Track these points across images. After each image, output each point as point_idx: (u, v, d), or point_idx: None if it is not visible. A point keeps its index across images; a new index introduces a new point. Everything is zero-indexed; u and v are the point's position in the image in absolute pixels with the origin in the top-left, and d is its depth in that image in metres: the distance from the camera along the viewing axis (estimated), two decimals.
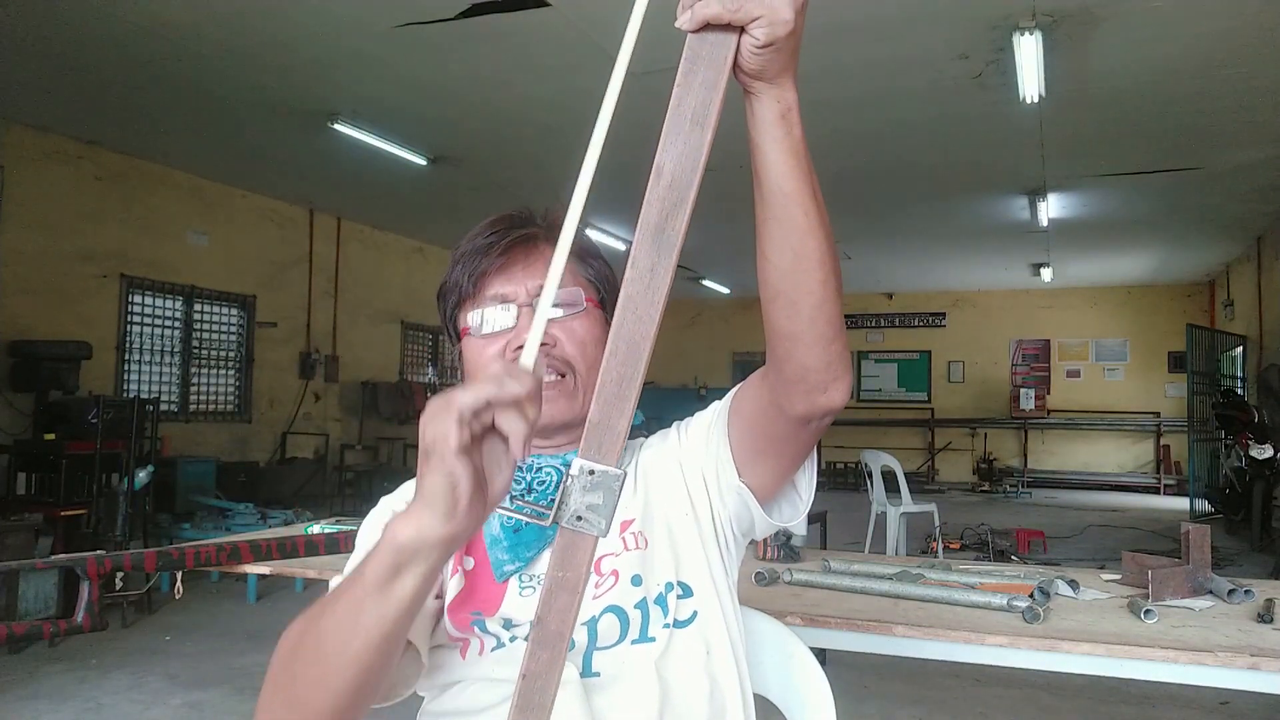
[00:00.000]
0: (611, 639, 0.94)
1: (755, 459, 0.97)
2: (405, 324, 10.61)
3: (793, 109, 0.72)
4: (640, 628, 0.95)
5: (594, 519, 0.63)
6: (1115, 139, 6.51)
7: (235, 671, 4.01)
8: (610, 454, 0.63)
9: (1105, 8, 4.48)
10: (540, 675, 0.64)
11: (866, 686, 3.80)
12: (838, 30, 4.76)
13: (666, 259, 0.64)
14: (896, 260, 11.75)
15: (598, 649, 0.94)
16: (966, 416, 14.07)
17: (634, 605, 0.95)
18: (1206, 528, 1.97)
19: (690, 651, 0.96)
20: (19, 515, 4.98)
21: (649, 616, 0.95)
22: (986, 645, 1.61)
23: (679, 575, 0.98)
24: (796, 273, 0.78)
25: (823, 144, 6.57)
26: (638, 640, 0.95)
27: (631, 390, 0.64)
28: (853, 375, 0.87)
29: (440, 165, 7.25)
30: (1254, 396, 9.44)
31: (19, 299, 6.33)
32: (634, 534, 1.00)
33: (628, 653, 0.94)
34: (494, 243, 1.02)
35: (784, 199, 0.74)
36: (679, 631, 0.96)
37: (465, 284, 1.03)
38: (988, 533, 6.74)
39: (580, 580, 0.64)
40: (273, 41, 5.02)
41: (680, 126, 0.65)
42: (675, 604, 0.96)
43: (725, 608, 1.00)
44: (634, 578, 0.97)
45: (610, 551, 0.99)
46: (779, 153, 0.73)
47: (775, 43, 0.66)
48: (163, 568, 1.96)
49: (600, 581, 0.97)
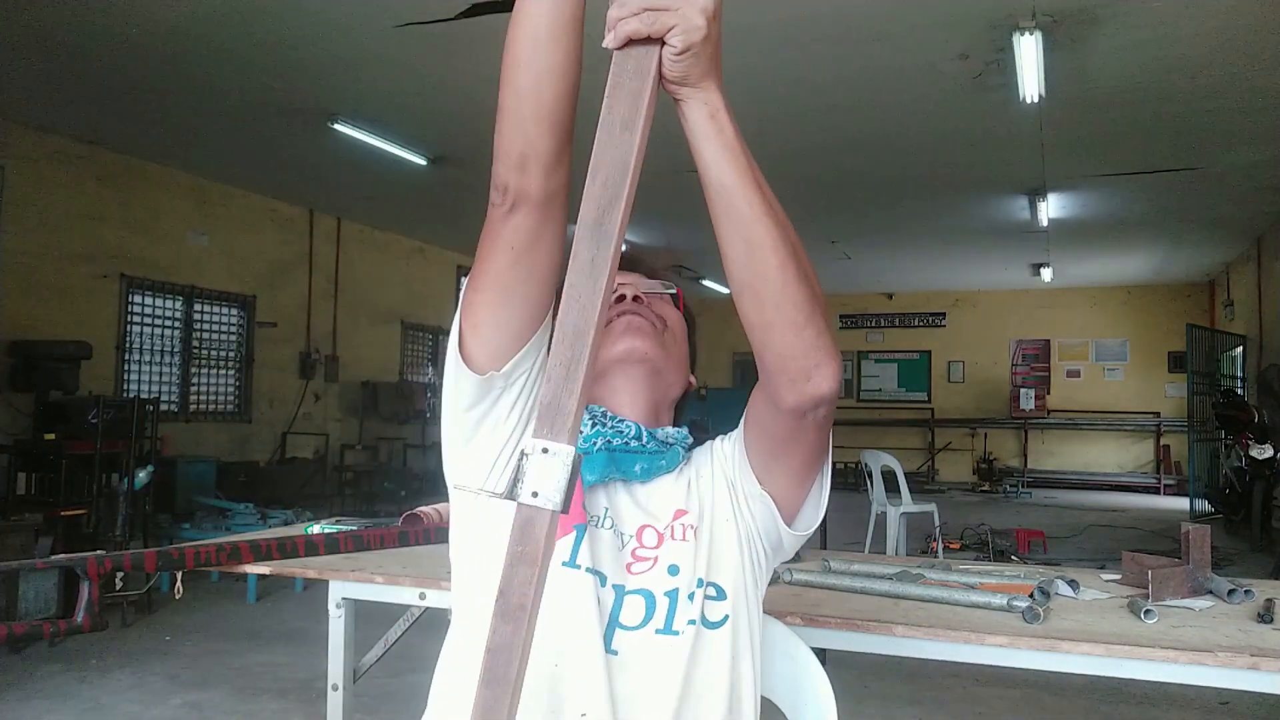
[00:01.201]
0: (635, 620, 0.95)
1: (769, 464, 0.99)
2: (405, 324, 10.61)
3: (720, 109, 0.78)
4: (666, 617, 0.96)
5: (550, 494, 0.65)
6: (1115, 139, 6.51)
7: (235, 671, 4.01)
8: (561, 432, 0.67)
9: (1105, 8, 4.48)
10: (504, 649, 0.65)
11: (866, 686, 3.80)
12: (838, 31, 4.76)
13: (605, 251, 0.69)
14: (896, 260, 11.75)
15: (620, 627, 0.95)
16: (966, 416, 14.07)
17: (664, 593, 0.97)
18: (1206, 528, 1.97)
19: (718, 654, 0.97)
20: (19, 515, 4.98)
21: (676, 608, 0.96)
22: (986, 645, 1.61)
23: (714, 576, 1.00)
24: (752, 261, 0.82)
25: (823, 144, 6.58)
26: (662, 630, 0.95)
27: (579, 372, 0.67)
28: (839, 362, 0.88)
29: (440, 165, 7.25)
30: (1254, 396, 9.43)
31: (19, 299, 6.33)
32: (685, 525, 1.02)
33: (650, 640, 0.95)
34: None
35: (725, 192, 0.80)
36: (708, 632, 0.97)
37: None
38: (988, 533, 6.74)
39: (540, 554, 0.66)
40: (273, 41, 5.02)
41: (611, 131, 0.71)
42: (705, 603, 0.97)
43: (753, 620, 1.01)
44: (671, 567, 0.98)
45: (653, 527, 1.02)
46: (714, 150, 0.79)
47: (692, 48, 0.72)
48: (163, 568, 1.96)
49: (641, 559, 0.99)
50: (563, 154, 0.89)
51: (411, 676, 3.59)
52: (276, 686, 3.80)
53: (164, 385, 7.63)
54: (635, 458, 1.05)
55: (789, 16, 4.59)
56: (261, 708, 3.58)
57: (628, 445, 1.05)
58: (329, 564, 2.09)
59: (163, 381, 7.63)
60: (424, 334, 10.95)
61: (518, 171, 0.87)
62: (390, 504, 8.50)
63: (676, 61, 0.73)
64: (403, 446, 10.14)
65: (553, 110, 0.86)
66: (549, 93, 0.85)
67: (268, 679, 3.91)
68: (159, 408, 6.32)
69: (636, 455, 1.05)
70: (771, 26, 4.70)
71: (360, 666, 2.26)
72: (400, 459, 10.06)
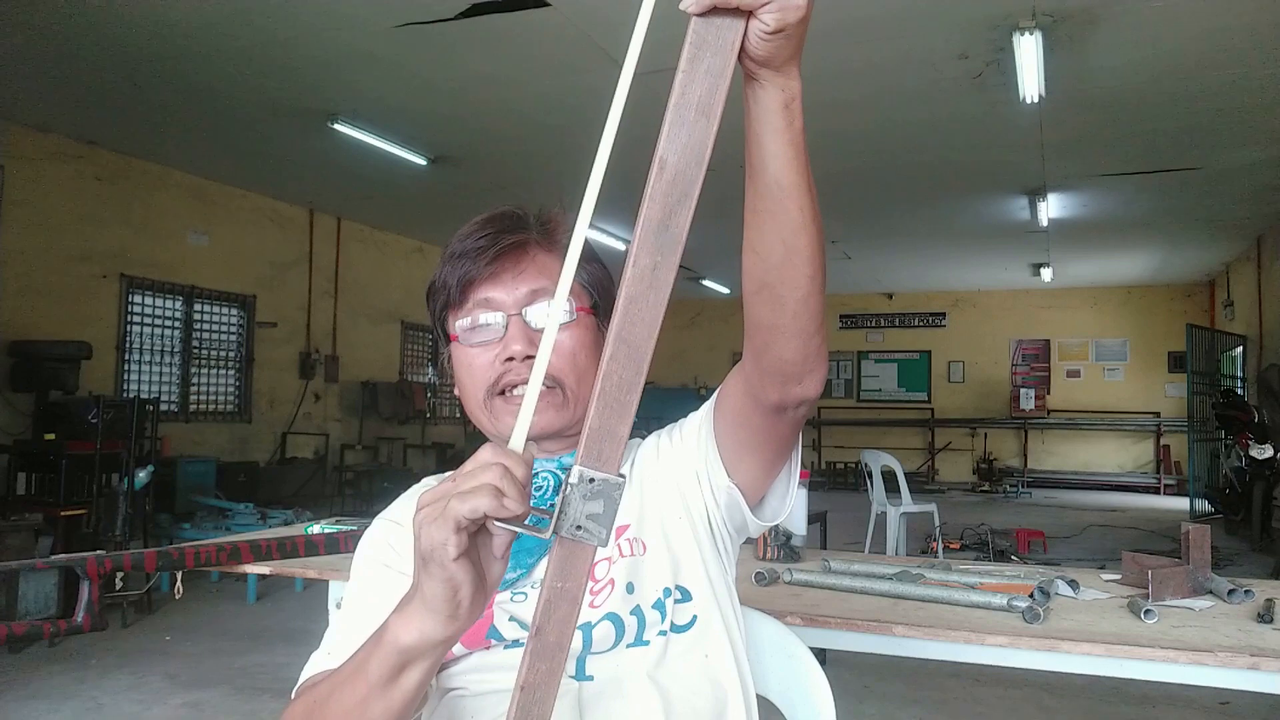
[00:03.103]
0: (606, 645, 0.94)
1: (740, 455, 0.97)
2: (405, 324, 10.61)
3: (796, 99, 0.69)
4: (636, 633, 0.94)
5: (594, 528, 0.61)
6: (1115, 139, 6.51)
7: (235, 671, 4.01)
8: (611, 461, 0.61)
9: (1105, 8, 4.48)
10: (539, 686, 0.63)
11: (866, 686, 3.80)
12: (838, 30, 4.76)
13: (670, 257, 0.61)
14: (896, 260, 11.75)
15: (592, 654, 0.94)
16: (966, 416, 14.07)
17: (629, 612, 0.94)
18: (1206, 528, 1.97)
19: (689, 656, 0.95)
20: (19, 515, 4.98)
21: (645, 622, 0.94)
22: (986, 645, 1.61)
23: (676, 580, 0.97)
24: (785, 267, 0.76)
25: (823, 144, 6.57)
26: (633, 644, 0.94)
27: (633, 395, 0.61)
28: (827, 367, 0.86)
29: (440, 165, 7.25)
30: (1254, 396, 9.44)
31: (19, 299, 6.33)
32: (629, 540, 0.99)
33: (622, 657, 0.93)
34: (484, 248, 1.00)
35: (780, 192, 0.73)
36: (677, 636, 0.95)
37: (453, 288, 1.01)
38: (988, 533, 6.74)
39: (579, 590, 0.63)
40: (273, 41, 5.02)
41: (685, 116, 0.61)
42: (673, 609, 0.96)
43: (725, 610, 0.99)
44: (628, 585, 0.96)
45: (606, 557, 0.98)
46: (780, 144, 0.70)
47: (786, 29, 0.63)
48: (163, 568, 1.96)
49: (597, 588, 0.96)
50: None
51: None
52: (276, 686, 3.80)
53: (164, 385, 7.63)
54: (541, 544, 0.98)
55: None
56: (261, 708, 3.58)
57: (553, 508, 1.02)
58: (329, 564, 2.09)
59: (163, 381, 7.63)
60: (424, 334, 10.95)
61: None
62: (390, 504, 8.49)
63: (766, 41, 0.63)
64: (403, 446, 10.14)
65: None
66: None
67: (268, 679, 3.91)
68: (159, 408, 6.32)
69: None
70: None
71: None
72: (400, 459, 10.06)
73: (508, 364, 0.98)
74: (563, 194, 1.07)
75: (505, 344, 0.99)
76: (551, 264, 1.02)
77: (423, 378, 10.90)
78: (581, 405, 1.01)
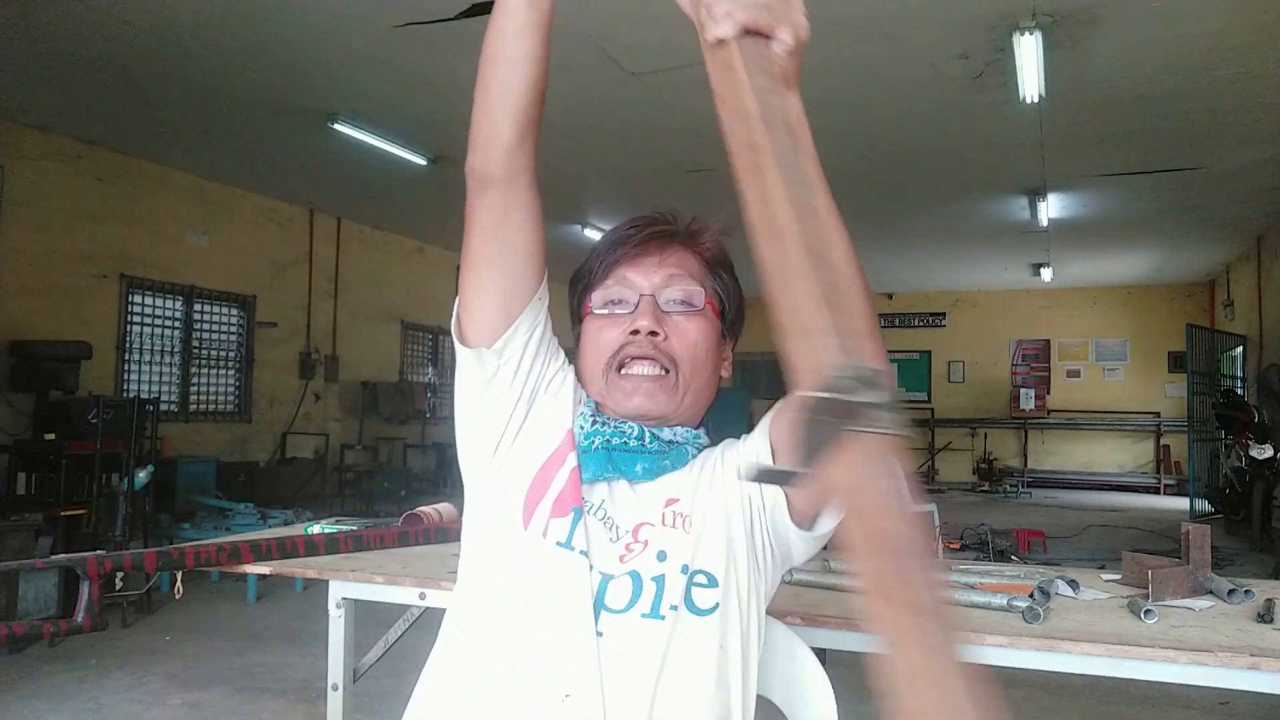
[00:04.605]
0: (621, 604, 0.95)
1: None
2: (405, 324, 10.61)
3: (803, 115, 0.76)
4: (653, 602, 0.96)
5: (881, 416, 0.53)
6: (1115, 139, 6.51)
7: (235, 671, 4.01)
8: (863, 354, 0.55)
9: (1105, 8, 4.48)
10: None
11: (867, 686, 3.79)
12: (838, 30, 4.76)
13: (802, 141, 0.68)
14: (896, 260, 11.74)
15: (606, 609, 0.95)
16: (966, 416, 14.07)
17: (651, 578, 0.97)
18: (1206, 528, 1.97)
19: (704, 641, 0.96)
20: (19, 515, 4.98)
21: (663, 592, 0.96)
22: (986, 645, 1.60)
23: (704, 564, 0.99)
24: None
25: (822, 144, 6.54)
26: (647, 614, 0.95)
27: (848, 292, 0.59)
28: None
29: (440, 165, 7.25)
30: (1254, 396, 9.44)
31: (19, 299, 6.33)
32: (675, 513, 1.02)
33: (635, 623, 0.95)
34: (632, 235, 1.07)
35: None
36: (695, 618, 0.96)
37: (596, 270, 1.09)
38: (988, 533, 6.74)
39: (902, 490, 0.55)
40: (273, 41, 5.02)
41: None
42: (694, 589, 0.97)
43: (749, 612, 1.00)
44: (660, 553, 0.98)
45: (647, 521, 1.01)
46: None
47: (801, 47, 0.70)
48: (163, 568, 1.96)
49: (632, 544, 0.99)
50: (524, 138, 0.95)
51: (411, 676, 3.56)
52: (276, 686, 3.80)
53: (164, 385, 7.63)
54: (635, 458, 1.04)
55: None
56: (261, 708, 3.58)
57: (627, 445, 1.04)
58: (329, 564, 2.09)
59: (163, 381, 7.63)
60: (424, 334, 10.95)
61: (483, 155, 0.95)
62: (390, 504, 8.50)
63: (789, 61, 0.71)
64: (403, 446, 10.14)
65: (517, 97, 0.93)
66: (513, 80, 0.93)
67: (268, 679, 3.91)
68: (159, 408, 6.31)
69: (637, 455, 1.04)
70: None
71: (360, 666, 2.26)
72: (400, 459, 10.06)
73: (632, 336, 1.04)
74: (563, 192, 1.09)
75: (634, 318, 1.05)
76: (692, 262, 1.09)
77: (423, 378, 10.90)
78: (691, 395, 1.07)
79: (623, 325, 1.05)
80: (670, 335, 1.05)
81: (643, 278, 1.06)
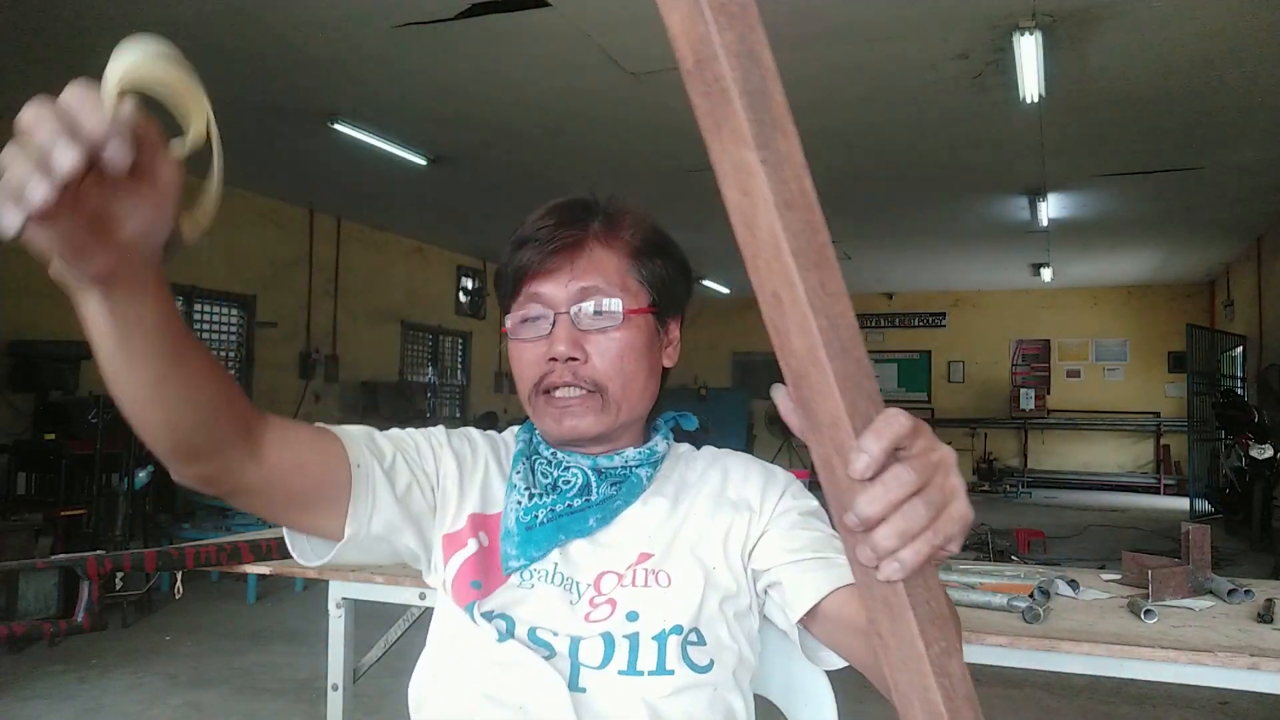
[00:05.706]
0: (595, 661, 0.90)
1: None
2: (405, 324, 10.60)
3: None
4: (628, 659, 0.89)
5: None
6: (1115, 139, 6.51)
7: (235, 671, 4.01)
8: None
9: (1105, 8, 4.48)
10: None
11: (866, 686, 3.79)
12: (837, 30, 4.76)
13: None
14: (896, 260, 11.75)
15: (583, 665, 0.90)
16: (966, 416, 14.07)
17: (623, 636, 0.91)
18: (1206, 528, 1.97)
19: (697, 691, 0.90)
20: (19, 515, 4.98)
21: (638, 650, 0.90)
22: (986, 645, 1.61)
23: (695, 623, 0.92)
24: None
25: (822, 144, 6.57)
26: (625, 671, 0.89)
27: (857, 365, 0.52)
28: None
29: (440, 165, 7.25)
30: (1254, 396, 9.44)
31: (19, 299, 6.33)
32: (648, 570, 0.95)
33: (614, 680, 0.89)
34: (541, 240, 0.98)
35: None
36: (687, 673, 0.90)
37: (509, 281, 1.01)
38: (988, 533, 6.73)
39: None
40: (273, 41, 5.02)
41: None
42: (679, 647, 0.91)
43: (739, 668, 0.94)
44: (630, 614, 0.92)
45: (610, 570, 0.96)
46: None
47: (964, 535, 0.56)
48: (163, 568, 1.96)
49: (598, 601, 0.93)
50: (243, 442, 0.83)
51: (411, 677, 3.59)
52: (276, 686, 3.80)
53: None
54: (586, 515, 0.97)
55: (787, 15, 4.59)
56: (261, 708, 3.58)
57: (571, 508, 0.98)
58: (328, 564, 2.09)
59: None
60: (424, 334, 10.95)
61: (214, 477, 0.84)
62: None
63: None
64: None
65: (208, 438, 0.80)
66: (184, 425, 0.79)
67: (268, 679, 3.91)
68: None
69: (587, 512, 0.98)
70: (768, 26, 4.64)
71: (360, 666, 2.26)
72: None
73: (550, 364, 0.97)
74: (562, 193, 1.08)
75: (550, 343, 0.97)
76: (609, 260, 0.99)
77: (423, 378, 10.90)
78: (625, 409, 0.99)
79: (541, 349, 0.98)
80: (592, 355, 0.97)
81: (557, 290, 0.97)
